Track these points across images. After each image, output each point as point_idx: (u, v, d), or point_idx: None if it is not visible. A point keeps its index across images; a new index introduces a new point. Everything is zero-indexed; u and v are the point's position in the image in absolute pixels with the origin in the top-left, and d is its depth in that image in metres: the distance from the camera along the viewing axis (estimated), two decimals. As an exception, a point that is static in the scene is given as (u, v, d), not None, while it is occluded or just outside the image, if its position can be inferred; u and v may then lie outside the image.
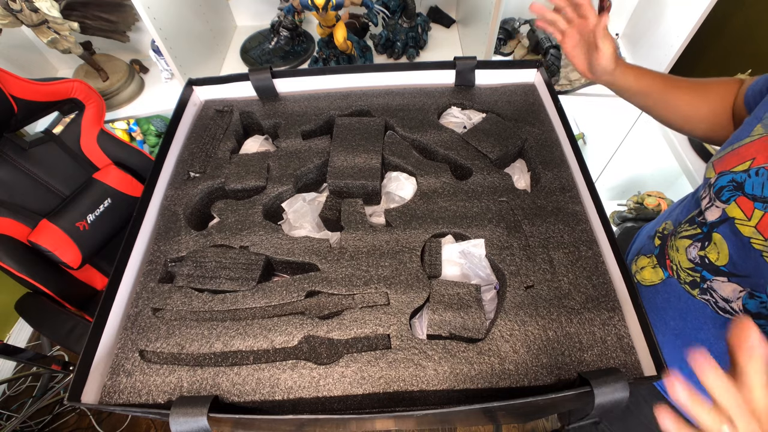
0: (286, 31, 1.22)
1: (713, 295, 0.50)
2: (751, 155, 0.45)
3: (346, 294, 0.50)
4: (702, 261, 0.50)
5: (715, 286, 0.49)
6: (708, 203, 0.50)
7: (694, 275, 0.52)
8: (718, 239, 0.48)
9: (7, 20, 0.93)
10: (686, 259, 0.53)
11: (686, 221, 0.55)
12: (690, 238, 0.53)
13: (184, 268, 0.53)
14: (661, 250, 0.60)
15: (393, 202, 0.60)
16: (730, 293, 0.47)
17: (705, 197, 0.51)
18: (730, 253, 0.46)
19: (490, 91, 0.70)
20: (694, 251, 0.52)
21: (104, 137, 1.00)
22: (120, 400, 0.44)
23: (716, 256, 0.48)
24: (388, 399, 0.44)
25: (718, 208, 0.48)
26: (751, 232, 0.43)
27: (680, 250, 0.54)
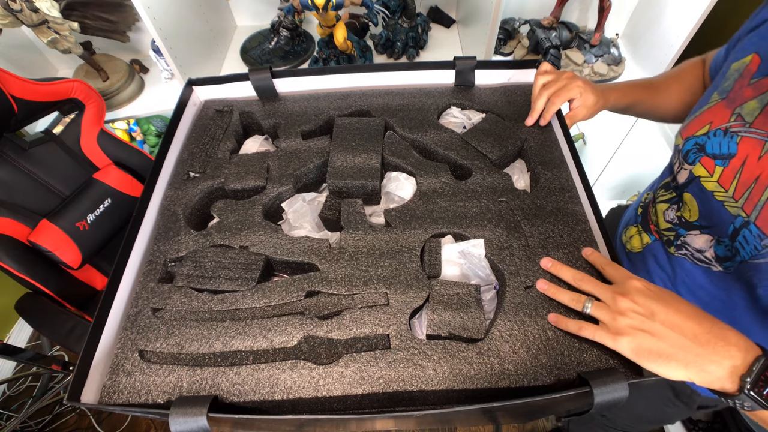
0: (286, 31, 1.22)
1: (688, 248, 0.54)
2: (709, 119, 0.50)
3: (345, 294, 0.50)
4: (679, 220, 0.55)
5: (688, 240, 0.54)
6: (678, 167, 0.55)
7: (668, 234, 0.57)
8: (689, 198, 0.53)
9: (7, 20, 0.93)
10: (664, 220, 0.58)
11: (661, 187, 0.60)
12: (667, 201, 0.58)
13: (183, 268, 0.53)
14: (644, 218, 0.64)
15: (393, 202, 0.60)
16: (703, 243, 0.52)
17: (675, 162, 0.56)
18: (699, 209, 0.51)
19: (490, 91, 0.70)
20: (672, 213, 0.56)
21: (104, 137, 1.00)
22: (120, 400, 0.44)
23: (689, 213, 0.53)
24: (388, 399, 0.44)
25: (686, 170, 0.53)
26: (713, 186, 0.48)
27: (659, 213, 0.59)
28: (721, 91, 0.50)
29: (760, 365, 0.37)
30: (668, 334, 0.39)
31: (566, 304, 0.46)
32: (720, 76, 0.53)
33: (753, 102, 0.46)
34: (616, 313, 0.42)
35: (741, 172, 0.46)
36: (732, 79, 0.50)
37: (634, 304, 0.41)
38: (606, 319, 0.42)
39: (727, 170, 0.47)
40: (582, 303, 0.45)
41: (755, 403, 0.37)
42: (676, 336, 0.39)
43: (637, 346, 0.40)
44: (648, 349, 0.39)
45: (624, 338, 0.40)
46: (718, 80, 0.52)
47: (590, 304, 0.44)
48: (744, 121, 0.46)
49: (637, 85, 0.68)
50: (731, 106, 0.48)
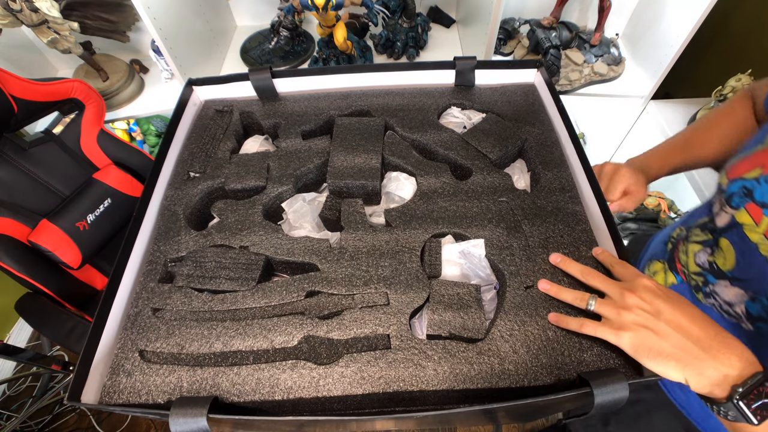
0: (286, 31, 1.22)
1: (716, 299, 0.51)
2: (761, 162, 0.45)
3: (345, 294, 0.50)
4: (710, 266, 0.51)
5: (717, 289, 0.50)
6: (718, 209, 0.50)
7: (697, 279, 0.53)
8: (726, 245, 0.48)
9: (7, 20, 0.93)
10: (693, 263, 0.54)
11: (697, 226, 0.55)
12: (700, 243, 0.53)
13: (184, 268, 0.53)
14: (671, 255, 0.60)
15: (393, 202, 0.60)
16: (733, 297, 0.48)
17: (716, 202, 0.51)
18: (737, 259, 0.47)
19: (490, 91, 0.70)
20: (704, 256, 0.52)
21: (104, 137, 1.00)
22: (120, 400, 0.44)
23: (723, 261, 0.49)
24: (388, 399, 0.44)
25: (728, 213, 0.48)
26: (759, 239, 0.44)
27: (689, 254, 0.55)
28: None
29: (757, 380, 0.37)
30: (671, 334, 0.39)
31: (569, 302, 0.46)
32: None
33: None
34: (622, 308, 0.41)
35: None
36: None
37: (641, 301, 0.41)
38: (610, 314, 0.42)
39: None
40: (586, 300, 0.44)
41: (739, 414, 0.37)
42: (679, 337, 0.39)
43: (639, 343, 0.40)
44: (649, 347, 0.39)
45: (627, 333, 0.40)
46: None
47: (594, 301, 0.44)
48: None
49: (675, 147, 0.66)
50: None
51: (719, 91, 0.96)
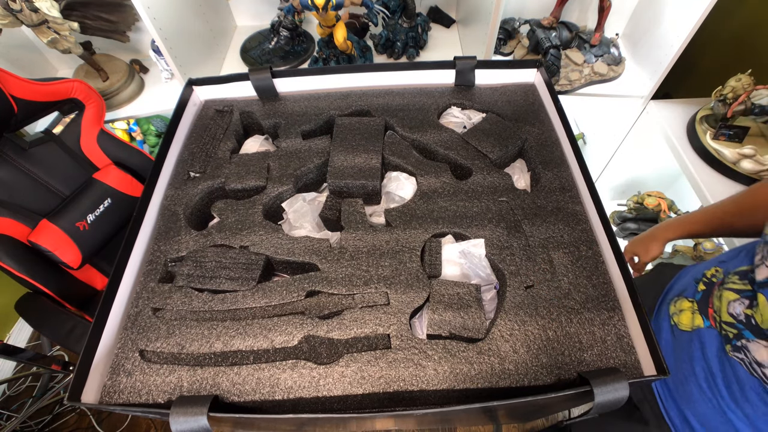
0: (286, 31, 1.22)
1: (746, 355, 0.48)
2: None
3: (346, 294, 0.50)
4: (747, 320, 0.48)
5: (751, 347, 0.47)
6: (760, 260, 0.48)
7: (729, 330, 0.50)
8: (763, 301, 0.46)
9: (7, 20, 0.93)
10: (726, 312, 0.51)
11: (736, 273, 0.52)
12: (737, 292, 0.50)
13: (184, 267, 0.53)
14: (704, 297, 0.57)
15: (393, 202, 0.60)
16: (766, 358, 0.45)
17: (759, 253, 0.49)
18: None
19: (490, 91, 0.70)
20: (740, 307, 0.49)
21: (104, 137, 1.00)
22: (120, 399, 0.44)
23: (761, 318, 0.46)
24: (388, 399, 0.44)
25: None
26: None
27: (723, 301, 0.52)
28: None
29: None
30: None
31: None
32: None
33: None
34: None
35: None
36: None
37: None
38: None
39: None
40: None
41: None
42: None
43: None
44: None
45: None
46: None
47: None
48: None
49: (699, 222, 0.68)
50: None
51: (719, 91, 0.96)
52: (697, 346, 0.54)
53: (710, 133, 0.97)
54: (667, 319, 0.62)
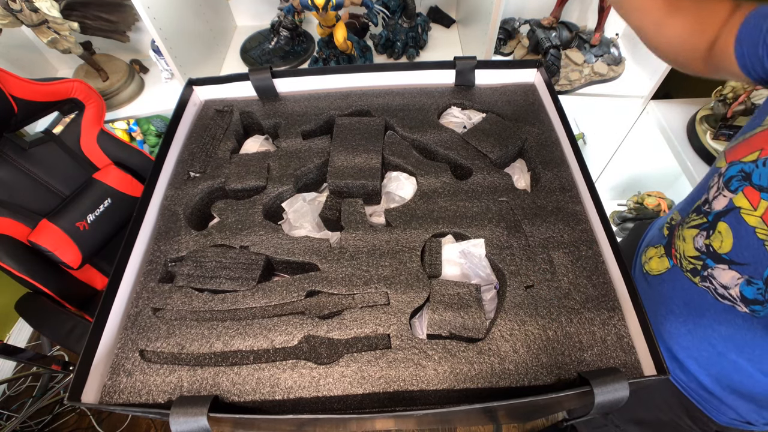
0: (286, 31, 1.22)
1: (713, 282, 0.51)
2: (759, 146, 0.45)
3: (346, 294, 0.50)
4: (707, 249, 0.51)
5: (715, 273, 0.50)
6: (716, 192, 0.50)
7: (695, 263, 0.53)
8: (724, 228, 0.48)
9: (7, 20, 0.93)
10: (693, 248, 0.53)
11: (693, 210, 0.55)
12: (697, 227, 0.53)
13: (184, 267, 0.53)
14: (669, 240, 0.60)
15: (393, 202, 0.60)
16: (729, 280, 0.48)
17: (713, 186, 0.51)
18: (734, 243, 0.47)
19: (490, 91, 0.70)
20: (701, 240, 0.52)
21: (104, 137, 1.00)
22: (120, 399, 0.44)
23: (719, 244, 0.49)
24: (388, 399, 0.44)
25: (726, 197, 0.48)
26: (756, 222, 0.44)
27: (687, 239, 0.55)
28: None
29: None
30: None
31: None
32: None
33: None
34: None
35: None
36: None
37: None
38: None
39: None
40: None
41: None
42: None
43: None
44: None
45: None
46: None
47: None
48: None
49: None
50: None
51: (719, 91, 0.96)
52: (668, 287, 0.59)
53: (710, 133, 0.97)
54: (640, 270, 0.66)
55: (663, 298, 0.60)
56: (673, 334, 0.59)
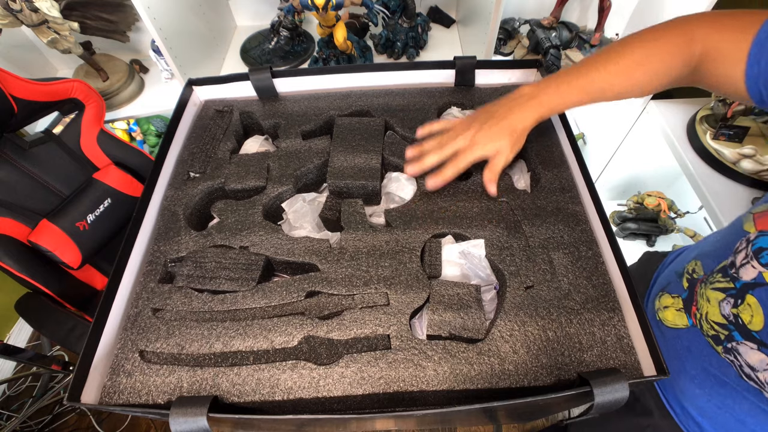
0: (286, 31, 1.22)
1: (737, 358, 0.46)
2: None
3: (346, 294, 0.50)
4: (735, 320, 0.45)
5: (740, 349, 0.45)
6: (744, 259, 0.45)
7: (720, 331, 0.48)
8: (753, 302, 0.43)
9: (7, 20, 0.93)
10: (719, 313, 0.48)
11: (719, 270, 0.49)
12: (722, 291, 0.48)
13: (184, 268, 0.53)
14: (690, 295, 0.54)
15: (393, 203, 0.60)
16: (757, 362, 0.43)
17: (741, 251, 0.46)
18: (766, 321, 0.42)
19: (490, 91, 0.70)
20: (728, 307, 0.47)
21: (104, 137, 1.00)
22: (120, 400, 0.44)
23: (749, 318, 0.44)
24: (388, 399, 0.44)
25: (755, 269, 0.43)
26: None
27: (712, 301, 0.49)
28: None
29: None
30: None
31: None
32: None
33: None
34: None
35: None
36: None
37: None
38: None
39: None
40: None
41: None
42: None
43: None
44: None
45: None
46: None
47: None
48: None
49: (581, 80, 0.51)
50: None
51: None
52: (684, 345, 0.53)
53: (710, 133, 0.97)
54: (652, 314, 0.61)
55: (678, 355, 0.54)
56: (686, 393, 0.54)
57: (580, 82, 0.50)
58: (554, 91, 0.51)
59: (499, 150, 0.52)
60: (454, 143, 0.54)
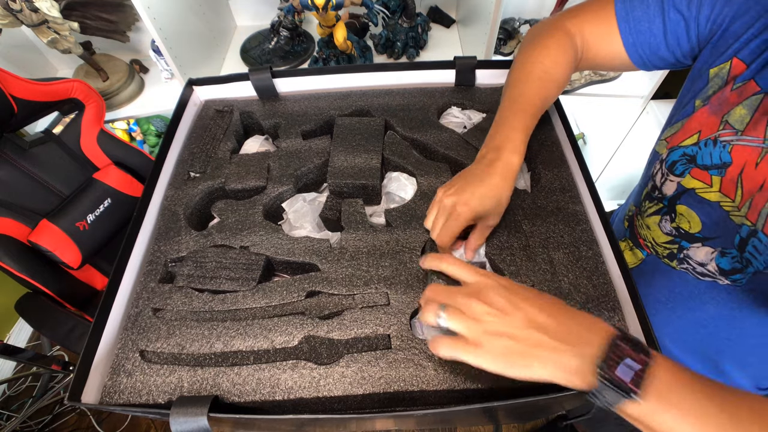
0: (286, 31, 1.22)
1: (689, 262, 0.52)
2: (696, 128, 0.48)
3: (346, 294, 0.50)
4: (678, 231, 0.52)
5: (690, 253, 0.51)
6: (662, 178, 0.52)
7: (671, 247, 0.54)
8: (684, 210, 0.50)
9: (7, 20, 0.93)
10: (662, 233, 0.54)
11: (644, 198, 0.57)
12: (656, 213, 0.55)
13: (184, 268, 0.53)
14: (632, 231, 0.61)
15: (393, 202, 0.60)
16: (704, 256, 0.50)
17: (657, 172, 0.53)
18: (702, 220, 0.49)
19: (491, 91, 0.70)
20: (667, 224, 0.53)
21: (104, 137, 1.00)
22: (120, 400, 0.44)
23: (688, 225, 0.50)
24: (389, 399, 0.44)
25: (673, 181, 0.51)
26: (717, 197, 0.47)
27: (651, 227, 0.56)
28: (704, 98, 0.49)
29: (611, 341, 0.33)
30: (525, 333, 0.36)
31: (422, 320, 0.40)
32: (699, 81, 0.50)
33: (740, 108, 0.45)
34: (471, 319, 0.37)
35: (741, 181, 0.44)
36: (715, 85, 0.48)
37: (487, 306, 0.37)
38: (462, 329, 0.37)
39: (725, 180, 0.46)
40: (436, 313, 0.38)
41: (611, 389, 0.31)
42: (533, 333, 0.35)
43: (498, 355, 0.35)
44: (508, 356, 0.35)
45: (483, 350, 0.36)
46: (698, 85, 0.50)
47: (444, 312, 0.38)
48: (734, 129, 0.45)
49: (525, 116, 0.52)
50: (718, 114, 0.47)
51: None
52: (648, 277, 0.58)
53: (710, 133, 0.97)
54: None
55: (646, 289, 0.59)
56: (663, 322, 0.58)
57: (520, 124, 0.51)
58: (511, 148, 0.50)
59: None
60: None
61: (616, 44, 0.52)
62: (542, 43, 0.55)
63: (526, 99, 0.52)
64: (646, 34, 0.50)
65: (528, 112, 0.52)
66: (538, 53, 0.54)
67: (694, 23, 0.47)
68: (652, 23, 0.49)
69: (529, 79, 0.53)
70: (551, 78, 0.53)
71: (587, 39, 0.55)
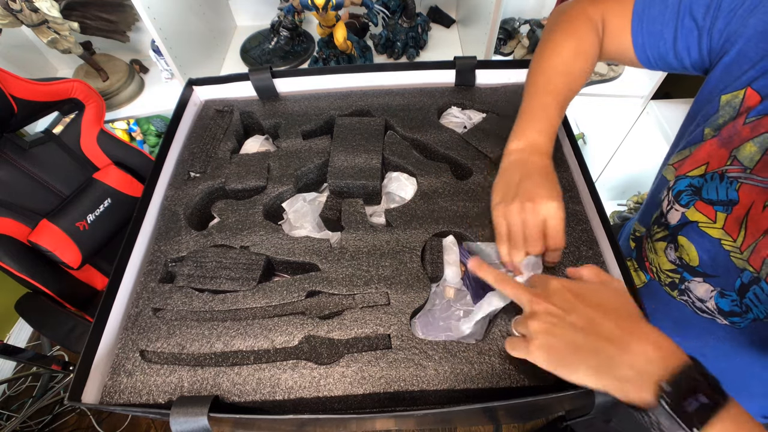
0: (286, 31, 1.22)
1: (690, 296, 0.50)
2: (704, 159, 0.46)
3: (346, 294, 0.50)
4: (681, 262, 0.51)
5: (691, 286, 0.50)
6: (668, 206, 0.51)
7: (673, 276, 0.52)
8: (684, 242, 0.49)
9: (7, 20, 0.93)
10: (666, 260, 0.53)
11: (654, 222, 0.55)
12: (663, 240, 0.53)
13: (184, 268, 0.53)
14: (639, 253, 0.59)
15: (393, 202, 0.60)
16: (704, 293, 0.48)
17: (665, 199, 0.52)
18: (700, 256, 0.47)
19: (490, 91, 0.70)
20: (672, 253, 0.52)
21: (104, 137, 1.00)
22: (120, 400, 0.44)
23: (688, 257, 0.49)
24: (389, 399, 0.44)
25: (678, 211, 0.49)
26: (719, 234, 0.45)
27: (659, 252, 0.54)
28: (714, 127, 0.46)
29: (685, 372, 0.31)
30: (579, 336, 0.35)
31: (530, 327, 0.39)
32: (709, 106, 0.47)
33: (750, 145, 0.42)
34: (529, 318, 0.37)
35: (746, 222, 0.42)
36: (726, 114, 0.44)
37: (549, 305, 0.37)
38: (522, 328, 0.38)
39: (731, 218, 0.43)
40: None
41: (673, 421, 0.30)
42: (587, 337, 0.34)
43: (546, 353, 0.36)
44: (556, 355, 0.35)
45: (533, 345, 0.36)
46: (708, 110, 0.47)
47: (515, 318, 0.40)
48: (743, 166, 0.42)
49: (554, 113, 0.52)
50: (727, 147, 0.44)
51: (719, 91, 0.96)
52: (648, 302, 0.57)
53: (710, 133, 0.97)
54: None
55: (649, 312, 0.57)
56: None
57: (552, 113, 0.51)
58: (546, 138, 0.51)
59: None
60: None
61: (628, 41, 0.51)
62: (573, 29, 0.53)
63: (553, 88, 0.52)
64: (657, 37, 0.48)
65: (558, 114, 0.52)
66: (568, 39, 0.52)
67: (706, 35, 0.45)
68: (665, 27, 0.47)
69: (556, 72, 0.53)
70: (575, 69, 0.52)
71: (606, 27, 0.52)
